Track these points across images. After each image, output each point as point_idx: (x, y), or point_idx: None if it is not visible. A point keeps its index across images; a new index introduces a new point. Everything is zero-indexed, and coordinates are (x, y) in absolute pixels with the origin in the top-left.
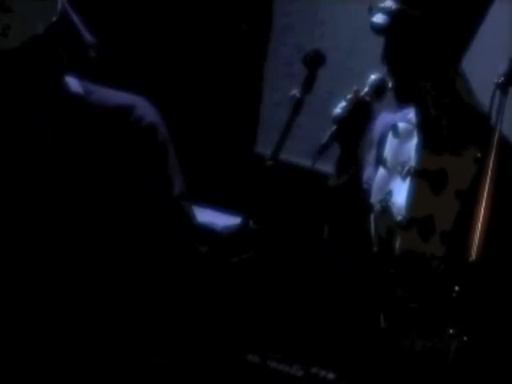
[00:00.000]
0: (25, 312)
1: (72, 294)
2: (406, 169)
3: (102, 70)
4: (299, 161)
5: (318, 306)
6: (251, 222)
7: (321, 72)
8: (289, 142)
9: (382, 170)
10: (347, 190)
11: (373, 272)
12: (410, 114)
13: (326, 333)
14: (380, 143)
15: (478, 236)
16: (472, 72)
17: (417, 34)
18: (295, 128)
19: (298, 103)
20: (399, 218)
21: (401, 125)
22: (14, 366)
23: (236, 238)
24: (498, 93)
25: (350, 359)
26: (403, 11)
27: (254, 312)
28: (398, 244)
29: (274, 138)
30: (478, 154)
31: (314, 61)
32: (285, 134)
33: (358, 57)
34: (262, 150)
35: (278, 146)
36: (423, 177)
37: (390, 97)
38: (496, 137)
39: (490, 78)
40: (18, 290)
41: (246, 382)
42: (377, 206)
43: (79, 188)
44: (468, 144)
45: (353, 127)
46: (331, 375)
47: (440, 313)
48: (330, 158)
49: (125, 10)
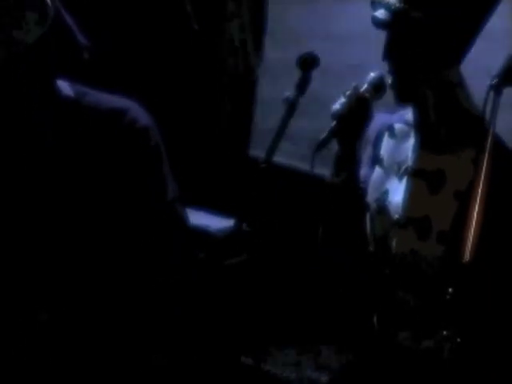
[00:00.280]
0: (25, 311)
1: (71, 294)
2: (402, 168)
3: (95, 72)
4: (293, 163)
5: (313, 307)
6: (245, 224)
7: (314, 74)
8: (282, 144)
9: (378, 170)
10: (345, 188)
11: (369, 271)
12: (407, 114)
13: (322, 333)
14: (376, 143)
15: (472, 237)
16: (468, 73)
17: (418, 34)
18: (289, 130)
19: (291, 105)
20: (396, 217)
21: (397, 126)
22: (13, 366)
23: (229, 240)
24: (492, 94)
25: (346, 359)
26: (405, 11)
27: (249, 314)
28: (394, 243)
29: (268, 140)
30: (475, 154)
31: (308, 63)
32: (278, 136)
33: (354, 59)
34: (256, 152)
35: (272, 149)
36: (420, 176)
37: (386, 97)
38: (490, 138)
39: (485, 79)
40: (17, 289)
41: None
42: (373, 206)
43: (74, 190)
44: (465, 145)
45: (352, 124)
46: (324, 377)
47: (435, 313)
48: (325, 160)
49: (118, 12)
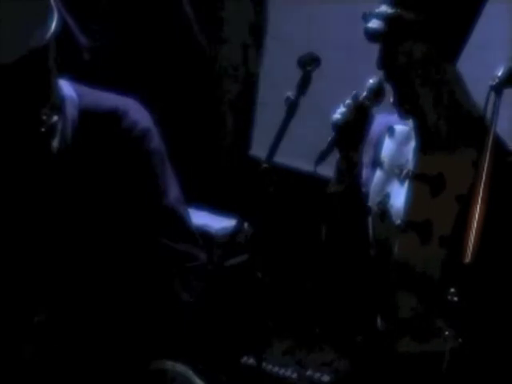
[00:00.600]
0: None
1: (70, 294)
2: (404, 172)
3: (95, 72)
4: (294, 163)
5: (315, 308)
6: (246, 224)
7: (315, 74)
8: (283, 144)
9: (379, 173)
10: (347, 197)
11: (371, 275)
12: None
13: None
14: (376, 145)
15: (473, 238)
16: (468, 74)
17: (412, 37)
18: (290, 130)
19: (292, 105)
20: (398, 221)
21: (397, 127)
22: (12, 366)
23: (231, 240)
24: (493, 95)
25: (347, 361)
26: (398, 15)
27: (250, 314)
28: (396, 247)
29: (269, 140)
30: (476, 157)
31: (309, 63)
32: (279, 136)
33: (354, 58)
34: (257, 152)
35: (273, 149)
36: (422, 180)
37: (386, 99)
38: (491, 139)
39: (486, 80)
40: (16, 290)
41: None
42: (374, 209)
43: (75, 191)
44: (466, 146)
45: (353, 133)
46: (326, 377)
47: (436, 316)
48: (326, 161)
49: (119, 12)
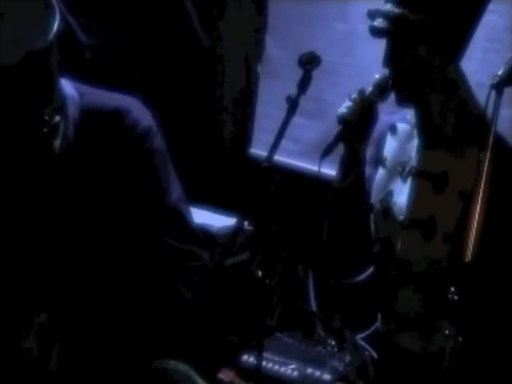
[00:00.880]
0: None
1: (74, 290)
2: (407, 169)
3: (96, 70)
4: (294, 162)
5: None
6: (246, 223)
7: (316, 73)
8: (284, 143)
9: (381, 171)
10: (351, 193)
11: (373, 272)
12: (409, 114)
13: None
14: (378, 144)
15: (474, 236)
16: (468, 73)
17: (418, 37)
18: (290, 129)
19: (293, 104)
20: (401, 218)
21: (400, 125)
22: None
23: (231, 239)
24: (494, 93)
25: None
26: (404, 16)
27: (250, 313)
28: (399, 244)
29: (269, 139)
30: (480, 154)
31: (309, 62)
32: (280, 135)
33: (355, 58)
34: (258, 151)
35: (274, 148)
36: (425, 177)
37: (382, 107)
38: (491, 137)
39: (488, 79)
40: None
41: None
42: (377, 207)
43: (77, 190)
44: (469, 143)
45: (358, 127)
46: (326, 376)
47: (438, 313)
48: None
49: (120, 11)
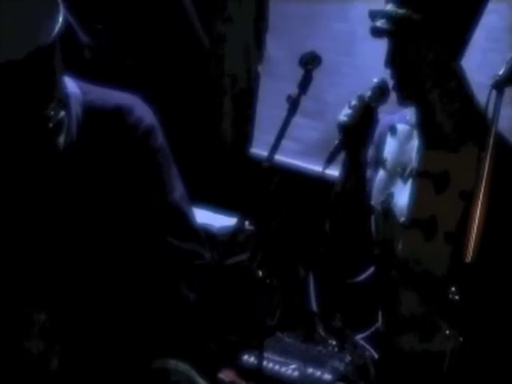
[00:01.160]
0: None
1: (77, 289)
2: (407, 170)
3: (97, 69)
4: (295, 162)
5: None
6: (247, 223)
7: (317, 72)
8: (285, 142)
9: (381, 172)
10: (353, 197)
11: (374, 273)
12: (409, 115)
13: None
14: (378, 145)
15: (474, 236)
16: (469, 72)
17: (420, 37)
18: (291, 129)
19: (293, 104)
20: (402, 219)
21: (399, 126)
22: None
23: (232, 238)
24: (494, 93)
25: (349, 358)
26: (407, 17)
27: (250, 313)
28: (400, 245)
29: (270, 139)
30: (481, 154)
31: (310, 62)
32: (280, 135)
33: (355, 58)
34: (258, 151)
35: (274, 147)
36: (426, 177)
37: (384, 107)
38: (492, 136)
39: (488, 79)
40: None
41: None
42: (378, 208)
43: (79, 189)
44: (471, 144)
45: (359, 134)
46: (327, 376)
47: (439, 314)
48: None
49: (120, 11)
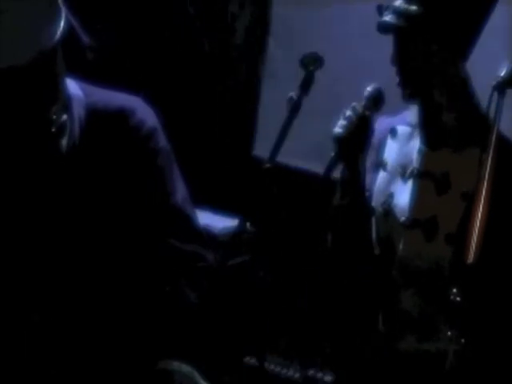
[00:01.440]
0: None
1: (79, 291)
2: (408, 171)
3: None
4: (297, 163)
5: (316, 308)
6: (248, 224)
7: (318, 74)
8: (286, 144)
9: (382, 174)
10: (352, 210)
11: (374, 274)
12: (409, 116)
13: (324, 334)
14: (379, 148)
15: (476, 238)
16: (471, 73)
17: (428, 34)
18: (292, 130)
19: (295, 105)
20: (402, 219)
21: (400, 128)
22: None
23: (233, 240)
24: (496, 94)
25: (349, 361)
26: (419, 14)
27: (252, 314)
28: (400, 245)
29: (272, 140)
30: (483, 155)
31: (312, 63)
32: (282, 136)
33: (357, 58)
34: (260, 152)
35: (276, 149)
36: (427, 178)
37: (387, 102)
38: (494, 138)
39: (488, 80)
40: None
41: None
42: (379, 210)
43: (84, 189)
44: (472, 144)
45: (355, 145)
46: (329, 377)
47: (440, 315)
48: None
49: (122, 11)
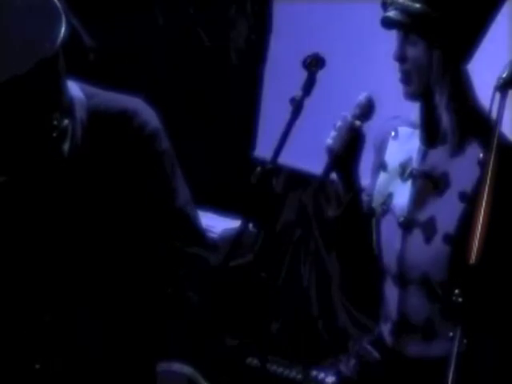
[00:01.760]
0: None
1: (81, 293)
2: (407, 171)
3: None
4: (299, 164)
5: (319, 309)
6: (250, 225)
7: (320, 75)
8: (288, 145)
9: (382, 175)
10: (347, 220)
11: (374, 274)
12: (411, 117)
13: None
14: (380, 149)
15: (478, 239)
16: (473, 73)
17: (436, 34)
18: (295, 131)
19: (297, 106)
20: (401, 219)
21: (401, 128)
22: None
23: (235, 241)
24: (498, 95)
25: (353, 360)
26: (426, 13)
27: (254, 315)
28: (399, 245)
29: (274, 142)
30: (481, 155)
31: (314, 64)
32: (284, 137)
33: (360, 59)
34: (262, 153)
35: (278, 150)
36: (426, 178)
37: (387, 108)
38: (495, 139)
39: (489, 80)
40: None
41: None
42: (378, 210)
43: (87, 192)
44: (472, 145)
45: (347, 155)
46: (330, 378)
47: (441, 315)
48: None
49: (124, 12)
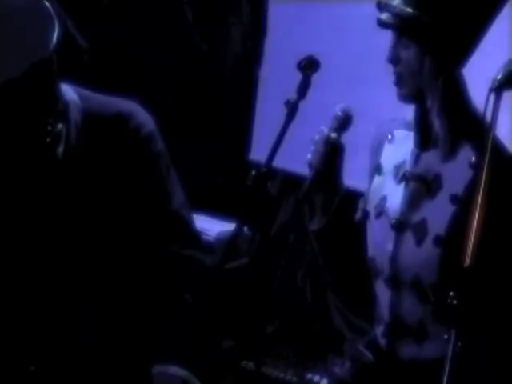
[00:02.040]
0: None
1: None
2: (401, 173)
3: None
4: (293, 167)
5: (315, 311)
6: (245, 228)
7: (316, 77)
8: (283, 148)
9: (377, 178)
10: (328, 233)
11: (368, 276)
12: (407, 119)
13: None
14: (376, 153)
15: (472, 242)
16: (467, 75)
17: (427, 39)
18: (289, 134)
19: (292, 109)
20: (393, 221)
21: (396, 132)
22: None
23: (230, 244)
24: (492, 97)
25: (347, 363)
26: (416, 17)
27: (249, 317)
28: (392, 247)
29: (269, 144)
30: (473, 158)
31: (309, 66)
32: (279, 140)
33: (355, 61)
34: (256, 156)
35: (272, 153)
36: (418, 180)
37: (383, 110)
38: (490, 142)
39: (486, 82)
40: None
41: None
42: (372, 213)
43: (82, 195)
44: (464, 148)
45: (328, 168)
46: (325, 381)
47: (435, 318)
48: None
49: (119, 13)
